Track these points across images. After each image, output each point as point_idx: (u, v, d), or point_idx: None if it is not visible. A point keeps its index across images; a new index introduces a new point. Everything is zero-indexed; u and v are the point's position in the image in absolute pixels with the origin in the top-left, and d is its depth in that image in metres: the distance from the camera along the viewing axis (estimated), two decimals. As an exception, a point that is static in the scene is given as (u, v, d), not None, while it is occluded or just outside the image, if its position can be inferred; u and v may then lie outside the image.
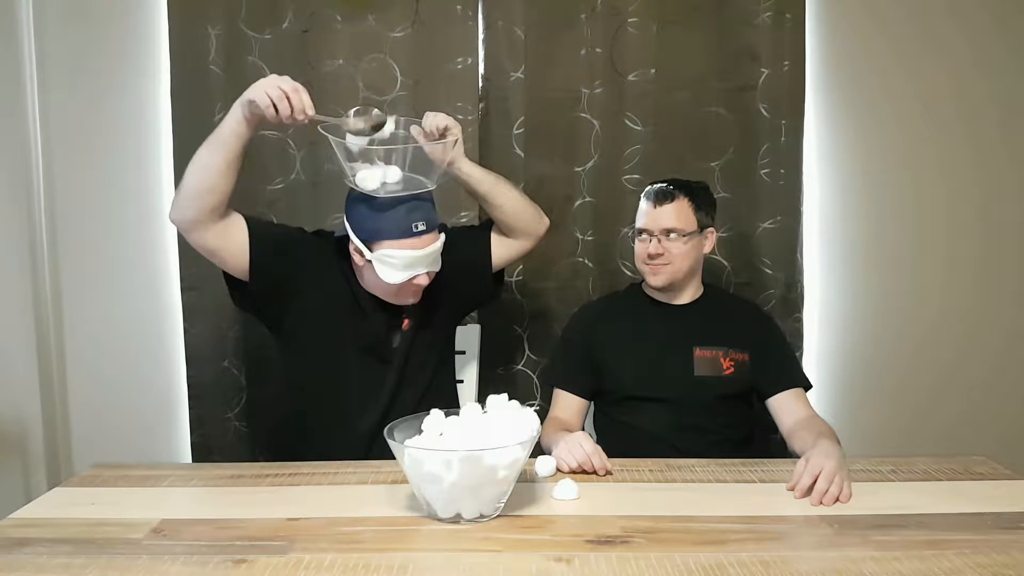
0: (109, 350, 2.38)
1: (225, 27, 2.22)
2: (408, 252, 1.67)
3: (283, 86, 1.57)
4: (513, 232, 1.88)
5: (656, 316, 1.94)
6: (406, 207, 1.66)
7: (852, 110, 2.34)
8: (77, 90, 2.31)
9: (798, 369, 1.95)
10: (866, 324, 2.40)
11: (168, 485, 1.55)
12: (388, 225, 1.66)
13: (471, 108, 2.24)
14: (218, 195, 1.64)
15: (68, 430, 2.42)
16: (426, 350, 1.87)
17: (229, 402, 2.33)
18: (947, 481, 1.53)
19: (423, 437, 1.40)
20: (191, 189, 1.64)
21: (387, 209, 1.66)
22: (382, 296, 1.78)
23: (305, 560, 1.20)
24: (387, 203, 1.66)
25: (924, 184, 2.37)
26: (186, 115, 2.23)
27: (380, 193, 1.66)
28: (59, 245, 2.36)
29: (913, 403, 2.42)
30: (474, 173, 1.81)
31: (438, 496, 1.32)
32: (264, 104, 1.56)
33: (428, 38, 2.24)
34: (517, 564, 1.19)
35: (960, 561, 1.19)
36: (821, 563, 1.19)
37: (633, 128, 2.27)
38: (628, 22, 2.23)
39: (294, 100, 1.57)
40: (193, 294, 2.29)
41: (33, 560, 1.22)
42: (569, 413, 1.90)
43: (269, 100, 1.56)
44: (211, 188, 1.63)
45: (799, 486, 1.44)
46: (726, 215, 2.25)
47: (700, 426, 1.84)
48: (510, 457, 1.31)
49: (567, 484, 1.45)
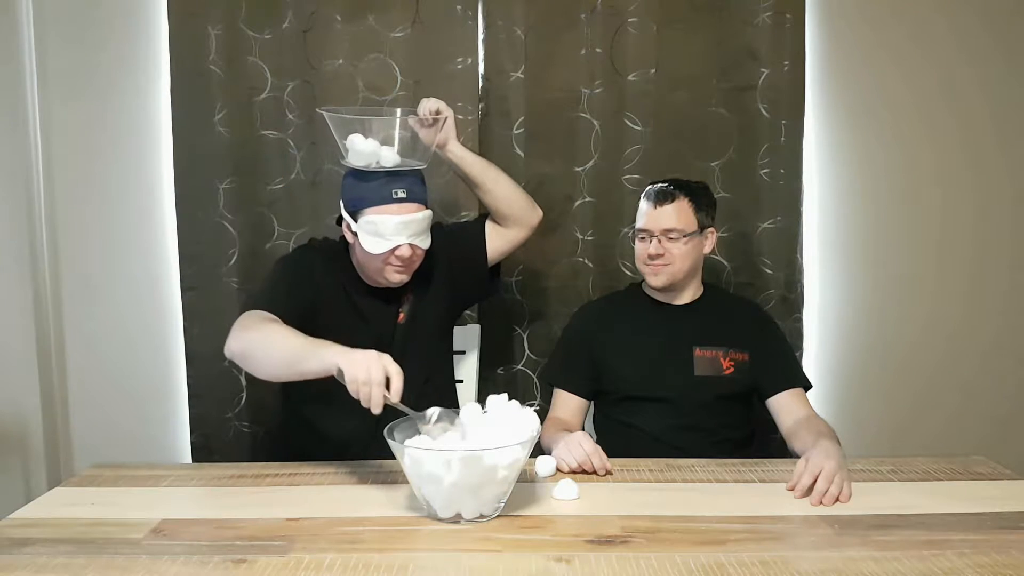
0: (109, 350, 2.38)
1: (225, 27, 2.22)
2: (389, 218, 1.69)
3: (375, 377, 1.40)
4: (506, 220, 1.91)
5: (656, 316, 1.94)
6: (389, 176, 1.72)
7: (852, 110, 2.34)
8: (77, 90, 2.31)
9: (798, 369, 1.95)
10: (866, 324, 2.40)
11: (168, 485, 1.55)
12: (371, 192, 1.72)
13: (471, 108, 2.24)
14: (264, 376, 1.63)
15: (68, 430, 2.42)
16: (423, 347, 1.87)
17: (229, 402, 2.33)
18: (947, 481, 1.53)
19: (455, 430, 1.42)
20: (250, 365, 1.60)
21: (372, 177, 1.72)
22: (373, 276, 1.80)
23: (305, 560, 1.21)
24: (373, 173, 1.72)
25: (923, 184, 2.37)
26: (186, 115, 2.23)
27: (372, 167, 1.72)
28: (59, 245, 2.36)
29: (913, 403, 2.42)
30: (464, 156, 1.88)
31: (438, 496, 1.32)
32: (352, 390, 1.41)
33: (428, 38, 2.24)
34: (517, 564, 1.19)
35: (960, 561, 1.19)
36: (821, 563, 1.19)
37: (633, 128, 2.26)
38: (628, 22, 2.23)
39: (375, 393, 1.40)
40: (193, 294, 2.29)
41: (33, 560, 1.22)
42: (569, 413, 1.90)
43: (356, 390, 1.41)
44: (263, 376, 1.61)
45: (799, 486, 1.44)
46: (726, 215, 2.25)
47: (700, 426, 1.84)
48: (510, 457, 1.31)
49: (568, 484, 1.45)
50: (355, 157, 1.72)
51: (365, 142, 1.72)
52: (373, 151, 1.72)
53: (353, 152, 1.72)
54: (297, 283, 1.80)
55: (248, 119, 2.25)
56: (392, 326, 1.85)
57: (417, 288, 1.85)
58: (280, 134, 2.27)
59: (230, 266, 2.28)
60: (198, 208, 2.26)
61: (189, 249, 2.28)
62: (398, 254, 1.73)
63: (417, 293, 1.86)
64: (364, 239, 1.72)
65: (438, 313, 1.92)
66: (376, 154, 1.72)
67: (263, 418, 2.30)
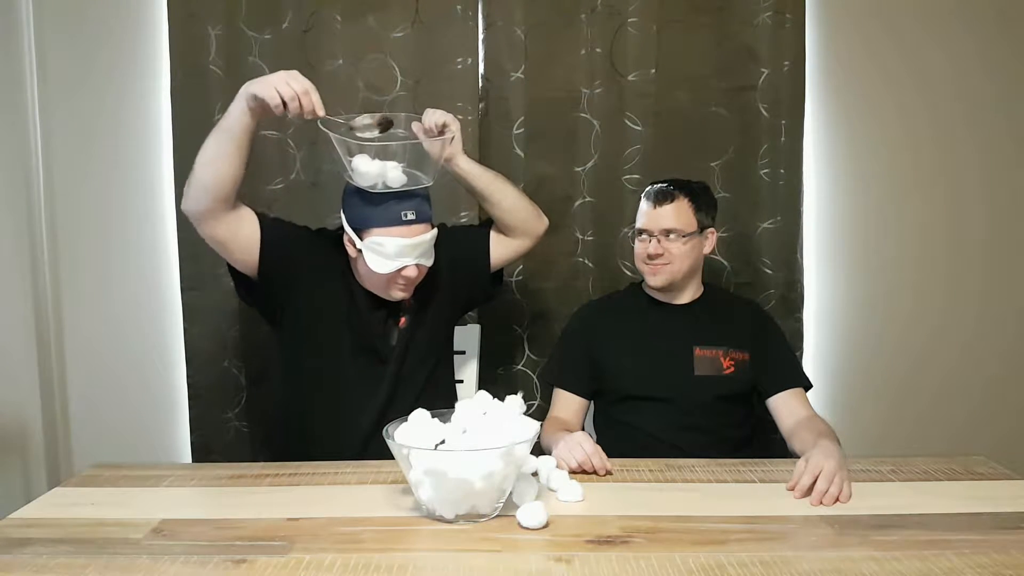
0: (109, 350, 2.38)
1: (225, 27, 2.22)
2: (397, 240, 1.67)
3: (294, 86, 1.56)
4: (512, 231, 1.89)
5: (656, 316, 1.94)
6: (398, 197, 1.69)
7: (852, 110, 2.34)
8: (77, 90, 2.31)
9: (798, 369, 1.95)
10: (866, 324, 2.40)
11: (168, 485, 1.54)
12: (378, 213, 1.69)
13: (471, 108, 2.24)
14: (228, 184, 1.65)
15: (68, 430, 2.42)
16: (424, 349, 1.87)
17: (229, 402, 2.33)
18: (947, 481, 1.53)
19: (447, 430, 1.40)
20: (201, 180, 1.65)
21: (379, 198, 1.69)
22: (374, 290, 1.79)
23: (305, 560, 1.20)
24: (380, 193, 1.69)
25: (924, 184, 2.37)
26: (186, 115, 2.23)
27: (377, 188, 1.68)
28: (59, 245, 2.36)
29: (913, 403, 2.42)
30: (472, 170, 1.83)
31: (438, 496, 1.32)
32: (274, 103, 1.56)
33: (428, 38, 2.24)
34: (517, 564, 1.19)
35: (960, 561, 1.19)
36: (821, 563, 1.19)
37: (633, 128, 2.26)
38: (628, 22, 2.23)
39: (304, 102, 1.57)
40: (193, 294, 2.29)
41: (33, 560, 1.22)
42: (569, 413, 1.90)
43: (279, 99, 1.56)
44: (221, 177, 1.64)
45: (799, 486, 1.44)
46: (726, 215, 2.25)
47: (700, 426, 1.84)
48: (510, 457, 1.31)
49: (572, 486, 1.45)
50: (360, 178, 1.67)
51: (370, 163, 1.66)
52: (379, 172, 1.67)
53: (358, 173, 1.67)
54: (295, 229, 1.83)
55: (248, 119, 2.25)
56: (394, 330, 1.85)
57: (419, 292, 1.83)
58: (280, 134, 2.27)
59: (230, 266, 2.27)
60: (198, 208, 2.26)
61: (189, 249, 2.28)
62: (404, 274, 1.71)
63: (419, 297, 1.84)
64: (370, 258, 1.69)
65: (439, 317, 1.92)
66: (382, 174, 1.67)
67: (263, 418, 2.31)
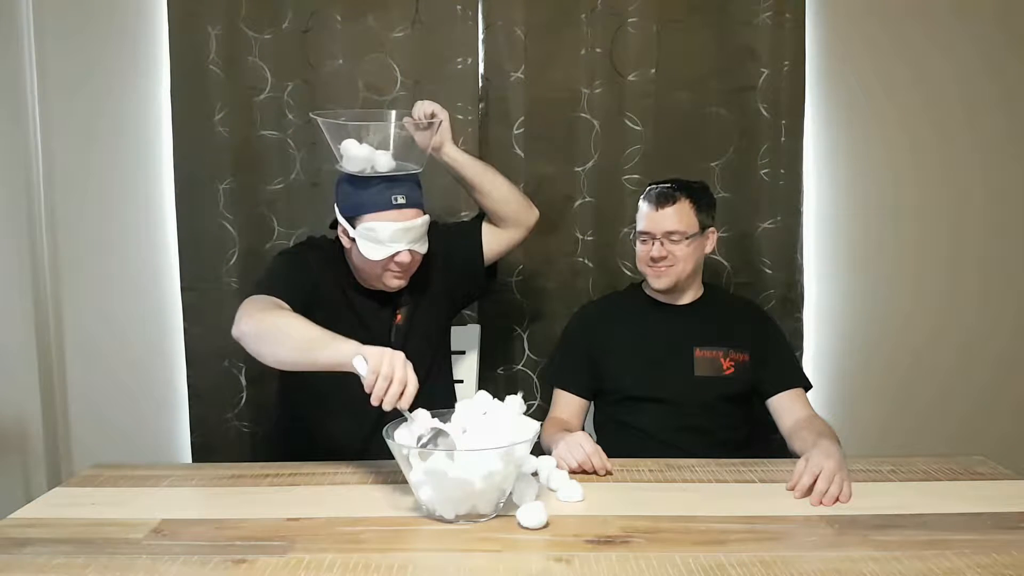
0: (109, 350, 2.38)
1: (225, 27, 2.22)
2: (389, 224, 1.68)
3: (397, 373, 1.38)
4: (503, 221, 1.91)
5: (656, 316, 1.94)
6: (388, 182, 1.70)
7: (852, 110, 2.34)
8: (77, 90, 2.31)
9: (798, 369, 1.95)
10: (866, 324, 2.40)
11: (168, 485, 1.54)
12: (369, 197, 1.70)
13: (471, 108, 2.24)
14: None
15: (68, 430, 2.42)
16: (421, 346, 1.87)
17: (229, 402, 2.33)
18: (947, 481, 1.53)
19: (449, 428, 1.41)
20: (258, 353, 1.55)
21: (370, 184, 1.70)
22: (369, 281, 1.80)
23: (305, 560, 1.20)
24: (370, 179, 1.70)
25: (925, 184, 2.37)
26: (186, 115, 2.23)
27: (367, 172, 1.70)
28: (59, 245, 2.36)
29: (913, 403, 2.41)
30: (460, 158, 1.85)
31: (438, 496, 1.32)
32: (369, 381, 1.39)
33: (428, 38, 2.24)
34: (517, 564, 1.19)
35: (960, 561, 1.19)
36: (821, 563, 1.19)
37: (633, 128, 2.26)
38: (628, 22, 2.23)
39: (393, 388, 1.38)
40: (193, 294, 2.29)
41: (33, 560, 1.22)
42: (569, 413, 1.90)
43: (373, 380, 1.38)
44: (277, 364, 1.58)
45: (799, 486, 1.44)
46: (726, 215, 2.25)
47: (700, 426, 1.84)
48: (510, 457, 1.31)
49: (572, 486, 1.45)
50: (349, 163, 1.70)
51: (359, 147, 1.68)
52: (367, 156, 1.69)
53: (347, 158, 1.69)
54: (297, 276, 1.79)
55: (248, 119, 2.25)
56: (389, 327, 1.85)
57: (414, 289, 1.85)
58: (280, 134, 2.27)
59: (230, 266, 2.28)
60: (198, 208, 2.26)
61: (189, 249, 2.28)
62: (398, 260, 1.72)
63: (414, 294, 1.86)
64: (363, 245, 1.71)
65: (436, 313, 1.92)
66: (371, 159, 1.69)
67: (263, 418, 2.30)
